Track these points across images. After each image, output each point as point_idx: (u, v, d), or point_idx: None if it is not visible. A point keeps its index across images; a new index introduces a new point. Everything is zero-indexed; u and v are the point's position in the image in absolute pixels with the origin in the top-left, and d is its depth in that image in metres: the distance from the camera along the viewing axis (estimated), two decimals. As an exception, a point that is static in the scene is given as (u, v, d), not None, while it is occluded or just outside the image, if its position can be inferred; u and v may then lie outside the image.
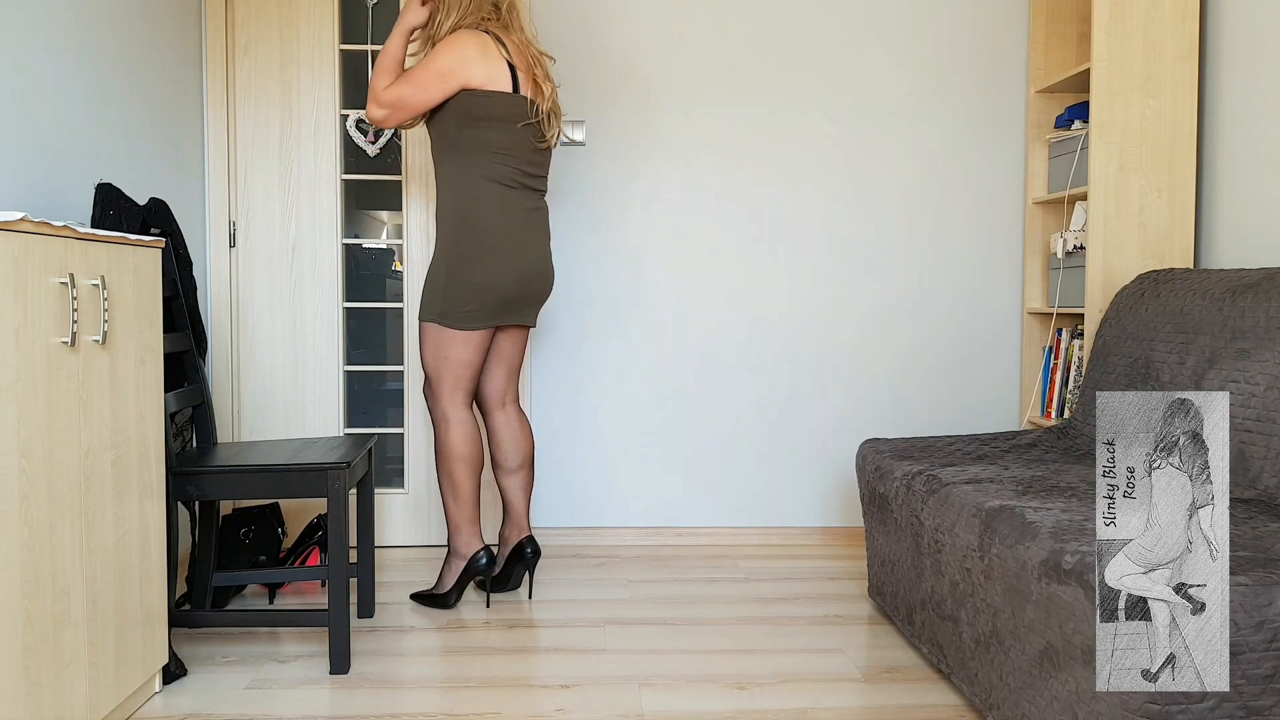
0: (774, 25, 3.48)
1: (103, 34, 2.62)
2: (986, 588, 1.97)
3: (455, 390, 2.74)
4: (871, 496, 2.70)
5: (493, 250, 2.65)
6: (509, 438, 2.89)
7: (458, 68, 2.59)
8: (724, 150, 3.50)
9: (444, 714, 2.13)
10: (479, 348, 2.72)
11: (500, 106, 2.63)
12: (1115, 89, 2.94)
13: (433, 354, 2.73)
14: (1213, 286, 2.46)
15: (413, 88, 2.59)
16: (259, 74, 3.37)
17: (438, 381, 2.75)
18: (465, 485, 2.78)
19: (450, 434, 2.76)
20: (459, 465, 2.76)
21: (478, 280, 2.65)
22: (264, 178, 3.39)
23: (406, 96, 2.60)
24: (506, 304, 2.71)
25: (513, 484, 2.91)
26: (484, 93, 2.61)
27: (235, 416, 3.42)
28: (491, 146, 2.65)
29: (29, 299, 1.66)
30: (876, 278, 3.55)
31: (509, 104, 2.64)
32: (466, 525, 2.80)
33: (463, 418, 2.76)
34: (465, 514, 2.80)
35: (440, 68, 2.59)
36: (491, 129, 2.64)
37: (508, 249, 2.67)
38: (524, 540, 2.90)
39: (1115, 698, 1.51)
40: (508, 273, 2.67)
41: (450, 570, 2.83)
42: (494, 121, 2.63)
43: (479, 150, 2.65)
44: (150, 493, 2.14)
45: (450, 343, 2.70)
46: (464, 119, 2.63)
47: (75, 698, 1.82)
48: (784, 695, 2.23)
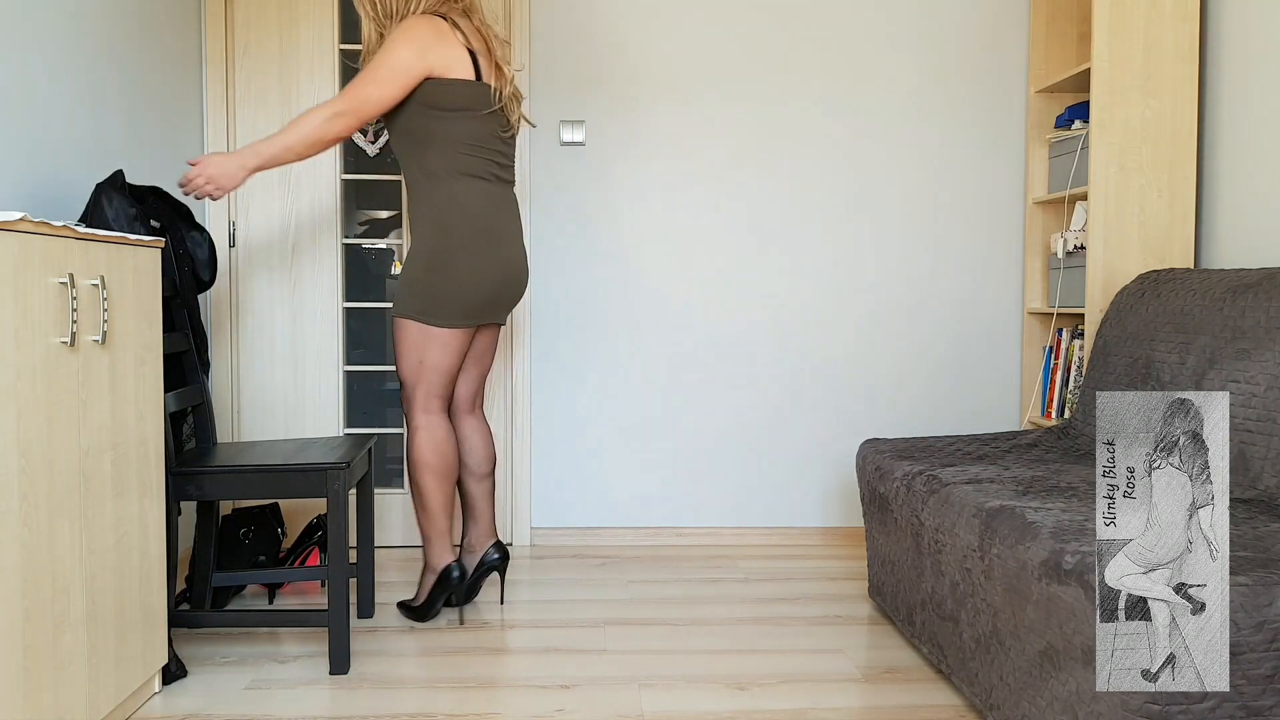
0: (774, 24, 3.48)
1: (103, 35, 2.61)
2: (987, 588, 1.97)
3: (430, 395, 2.61)
4: (872, 497, 2.70)
5: (476, 248, 2.53)
6: (480, 444, 2.78)
7: (417, 57, 2.43)
8: (724, 150, 3.50)
9: (444, 714, 2.13)
10: (458, 350, 2.61)
11: (465, 95, 2.49)
12: (1115, 89, 2.94)
13: (410, 354, 2.58)
14: (1213, 286, 2.46)
15: (374, 86, 2.42)
16: (259, 74, 3.37)
17: (413, 385, 2.60)
18: (434, 496, 2.64)
19: (418, 440, 2.62)
20: (427, 475, 2.62)
21: (462, 279, 2.53)
22: (264, 178, 3.39)
23: (370, 97, 2.42)
24: (489, 303, 2.60)
25: (482, 490, 2.78)
26: (447, 81, 2.47)
27: (235, 416, 3.42)
28: (462, 139, 2.52)
29: (29, 299, 1.66)
30: (876, 277, 3.55)
31: (473, 92, 2.50)
32: (438, 538, 2.68)
33: (434, 423, 2.62)
34: (436, 526, 2.67)
35: (398, 61, 2.42)
36: (459, 120, 2.50)
37: (490, 246, 2.55)
38: (493, 545, 2.78)
39: (1115, 698, 1.51)
40: (492, 271, 2.56)
41: (424, 583, 2.72)
42: (460, 112, 2.50)
43: (449, 143, 2.51)
44: (150, 493, 2.14)
45: (429, 342, 2.57)
46: (429, 111, 2.49)
47: (75, 698, 1.82)
48: (784, 695, 2.23)
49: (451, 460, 2.65)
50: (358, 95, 2.43)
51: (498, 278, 2.58)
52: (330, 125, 2.43)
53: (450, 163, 2.53)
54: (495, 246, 2.57)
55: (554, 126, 3.45)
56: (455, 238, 2.52)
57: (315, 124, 2.42)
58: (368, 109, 2.44)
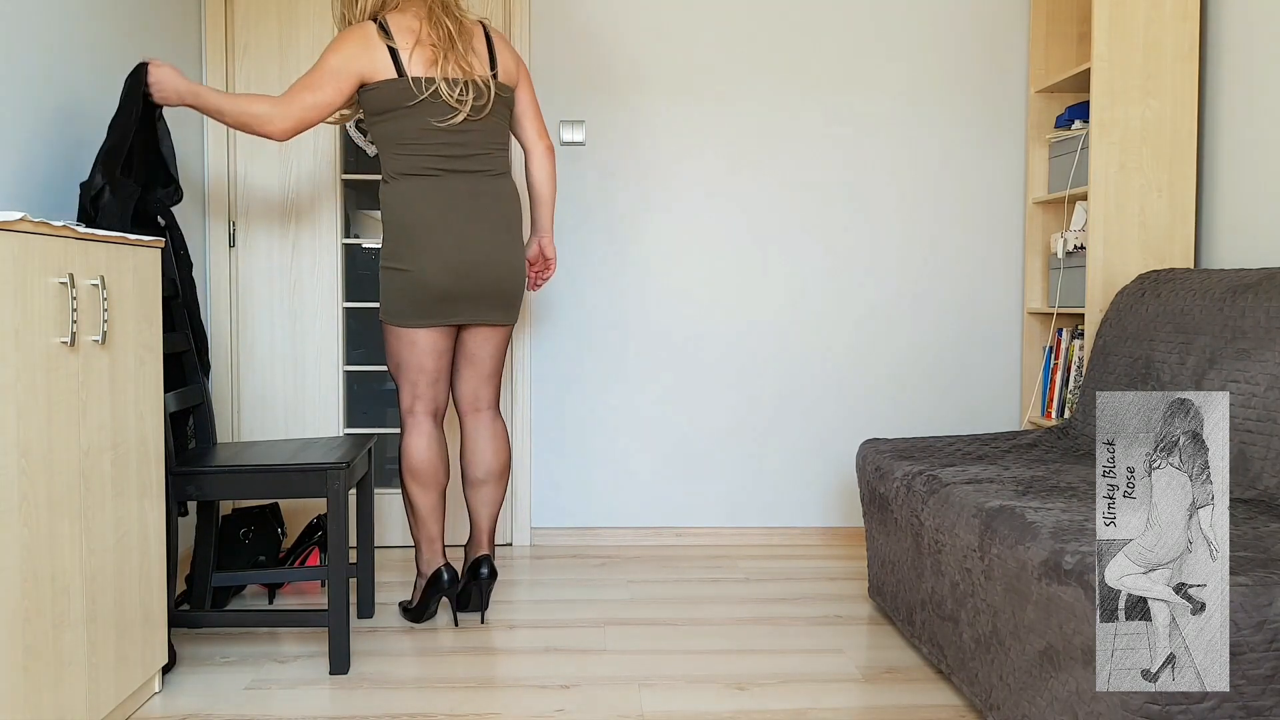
0: (774, 24, 3.48)
1: (102, 34, 2.61)
2: (987, 588, 1.97)
3: (411, 397, 2.61)
4: (872, 497, 2.70)
5: (417, 246, 2.50)
6: (476, 447, 2.71)
7: (345, 65, 2.47)
8: (724, 150, 3.50)
9: (444, 714, 2.13)
10: (427, 350, 2.58)
11: (387, 96, 2.49)
12: (1115, 89, 2.94)
13: (389, 356, 2.63)
14: (1213, 286, 2.46)
15: (308, 90, 2.46)
16: (259, 74, 3.37)
17: (398, 386, 2.63)
18: (419, 502, 2.64)
19: (401, 443, 2.64)
20: (407, 479, 2.63)
21: (407, 278, 2.51)
22: (264, 178, 3.39)
23: (303, 99, 2.46)
24: (444, 301, 2.53)
25: (476, 498, 2.72)
26: (373, 85, 2.49)
27: (235, 416, 3.42)
28: (395, 139, 2.52)
29: (29, 299, 1.66)
30: (875, 277, 3.55)
31: (394, 91, 2.48)
32: (425, 544, 2.66)
33: (415, 426, 2.62)
34: (423, 532, 2.66)
35: (329, 66, 2.47)
36: (389, 121, 2.51)
37: (434, 242, 2.50)
38: (479, 559, 2.67)
39: (1115, 698, 1.51)
40: (436, 267, 2.50)
41: (416, 585, 2.73)
42: (387, 113, 2.51)
43: (386, 145, 2.54)
44: (150, 493, 2.14)
45: (396, 342, 2.59)
46: (368, 116, 2.53)
47: (75, 698, 1.82)
48: (784, 695, 2.23)
49: (434, 464, 2.63)
50: (293, 96, 2.47)
51: (444, 273, 2.50)
52: (265, 123, 2.45)
53: (390, 164, 2.55)
54: (439, 242, 2.50)
55: (554, 126, 3.45)
56: (397, 237, 2.53)
57: (254, 111, 2.45)
58: (295, 109, 2.46)
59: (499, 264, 2.57)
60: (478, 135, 2.56)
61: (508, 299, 2.62)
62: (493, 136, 2.59)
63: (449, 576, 2.64)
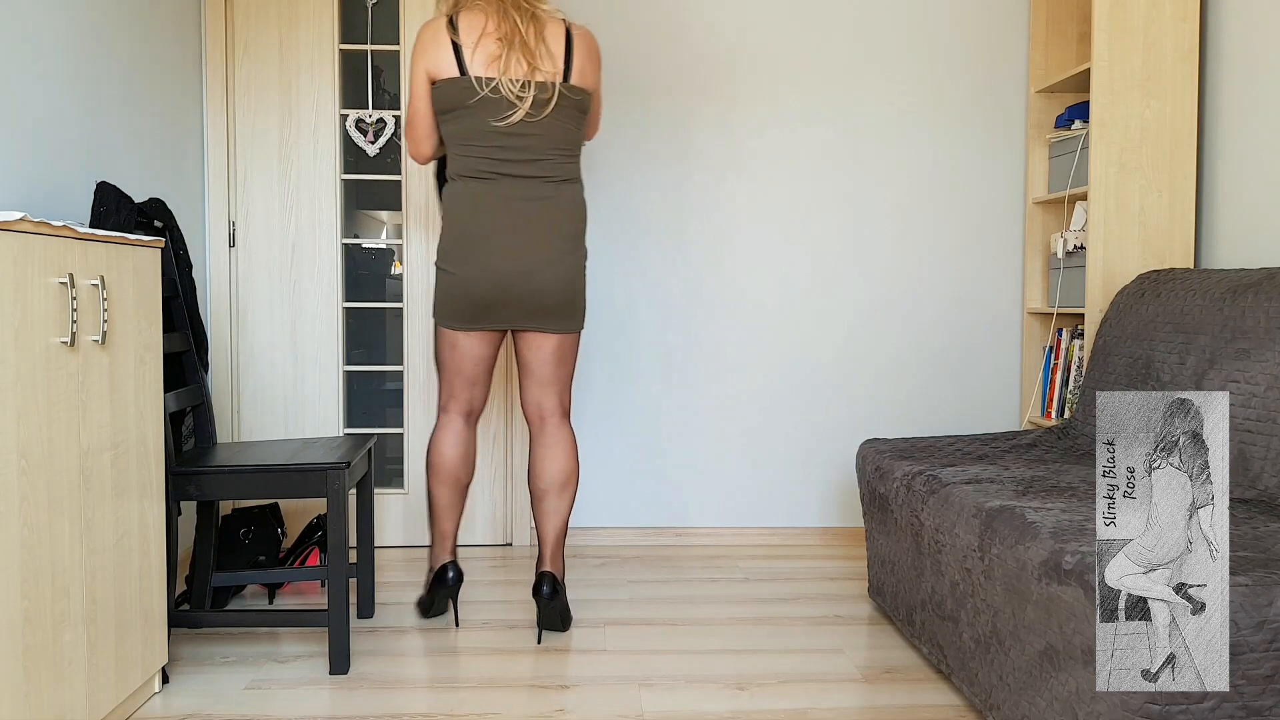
0: (773, 24, 3.48)
1: (102, 34, 2.61)
2: (986, 588, 1.97)
3: (447, 395, 2.63)
4: (871, 497, 2.70)
5: (464, 249, 2.47)
6: (537, 455, 2.66)
7: (416, 69, 2.49)
8: (725, 150, 3.50)
9: (444, 714, 2.13)
10: (466, 354, 2.57)
11: (450, 94, 2.45)
12: (1115, 89, 2.94)
13: (434, 349, 2.65)
14: (1213, 286, 2.46)
15: (410, 123, 2.55)
16: (258, 74, 3.37)
17: (438, 381, 2.67)
18: (436, 497, 2.65)
19: (430, 439, 2.67)
20: (430, 473, 2.65)
21: (451, 280, 2.49)
22: (264, 178, 3.39)
23: (411, 135, 2.56)
24: (485, 308, 2.49)
25: (538, 510, 2.66)
26: (439, 83, 2.46)
27: (235, 416, 3.42)
28: (456, 138, 2.48)
29: (29, 299, 1.66)
30: (876, 277, 3.55)
31: (456, 89, 2.44)
32: (437, 539, 2.68)
33: (446, 424, 2.63)
34: (436, 527, 2.67)
35: (412, 80, 2.51)
36: (449, 121, 2.48)
37: (480, 248, 2.45)
38: (540, 576, 2.58)
39: (1115, 698, 1.51)
40: (478, 273, 2.46)
41: (426, 578, 2.76)
42: (450, 112, 2.47)
43: (451, 144, 2.51)
44: (149, 493, 2.14)
45: (440, 340, 2.60)
46: (438, 115, 2.52)
47: (75, 698, 1.82)
48: (784, 695, 2.23)
49: (454, 462, 2.63)
50: (407, 134, 2.59)
51: (485, 281, 2.46)
52: (410, 149, 2.61)
53: (452, 164, 2.54)
54: (477, 249, 2.46)
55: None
56: (449, 238, 2.51)
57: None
58: (412, 126, 2.56)
59: (543, 274, 2.48)
60: (538, 139, 2.48)
61: (552, 310, 2.52)
62: (557, 141, 2.51)
63: (453, 575, 2.66)
